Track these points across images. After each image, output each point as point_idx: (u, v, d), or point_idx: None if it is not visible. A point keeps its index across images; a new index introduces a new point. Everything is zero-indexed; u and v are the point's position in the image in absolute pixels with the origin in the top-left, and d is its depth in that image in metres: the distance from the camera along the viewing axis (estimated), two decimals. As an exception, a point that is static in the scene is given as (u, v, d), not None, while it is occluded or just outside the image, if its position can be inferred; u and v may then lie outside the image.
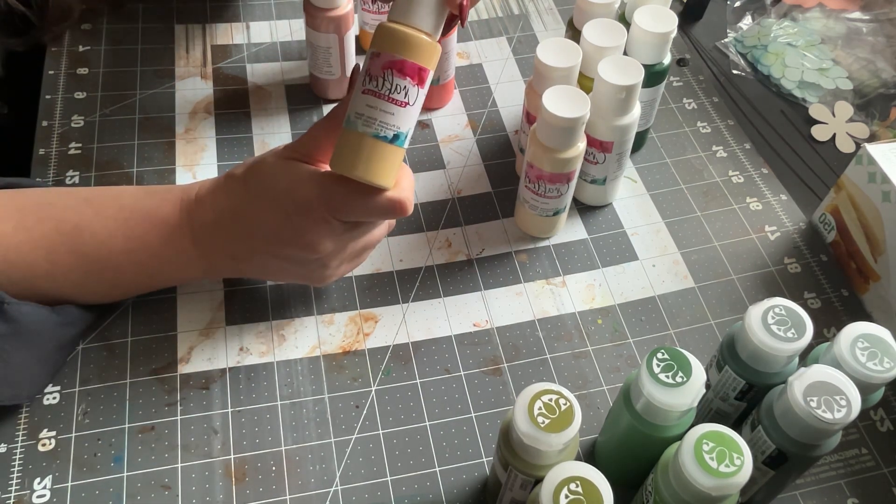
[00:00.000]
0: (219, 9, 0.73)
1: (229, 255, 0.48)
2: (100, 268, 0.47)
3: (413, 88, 0.43)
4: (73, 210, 0.47)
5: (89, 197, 0.48)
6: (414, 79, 0.43)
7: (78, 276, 0.47)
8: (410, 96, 0.43)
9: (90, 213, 0.47)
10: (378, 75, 0.43)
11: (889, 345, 0.42)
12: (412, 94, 0.43)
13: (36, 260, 0.45)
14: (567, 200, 0.57)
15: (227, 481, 0.46)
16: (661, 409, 0.39)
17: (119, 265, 0.48)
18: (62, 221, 0.46)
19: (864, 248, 0.56)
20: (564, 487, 0.35)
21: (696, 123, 0.68)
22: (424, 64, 0.43)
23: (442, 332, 0.54)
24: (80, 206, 0.48)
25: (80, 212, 0.47)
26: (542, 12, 0.77)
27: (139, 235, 0.47)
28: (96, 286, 0.49)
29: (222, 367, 0.51)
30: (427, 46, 0.43)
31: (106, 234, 0.47)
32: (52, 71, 0.66)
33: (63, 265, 0.46)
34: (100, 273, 0.48)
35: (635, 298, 0.56)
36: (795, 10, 0.79)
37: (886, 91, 0.72)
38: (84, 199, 0.48)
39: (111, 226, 0.47)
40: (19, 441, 0.47)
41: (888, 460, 0.50)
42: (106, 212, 0.47)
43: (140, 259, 0.48)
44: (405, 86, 0.43)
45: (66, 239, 0.46)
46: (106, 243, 0.47)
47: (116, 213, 0.47)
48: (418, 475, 0.47)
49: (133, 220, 0.47)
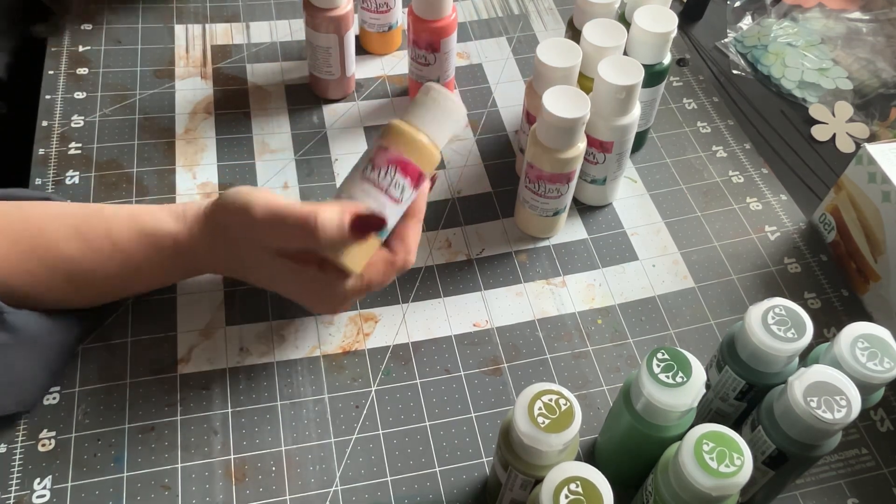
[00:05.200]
0: (219, 9, 0.73)
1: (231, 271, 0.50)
2: (92, 292, 0.48)
3: (408, 189, 0.45)
4: (64, 241, 0.46)
5: (80, 227, 0.47)
6: (413, 180, 0.45)
7: (67, 295, 0.47)
8: (404, 195, 0.45)
9: (82, 247, 0.46)
10: (381, 167, 0.44)
11: (889, 345, 0.42)
12: (406, 194, 0.45)
13: (21, 286, 0.45)
14: (567, 200, 0.57)
15: (227, 481, 0.46)
16: (662, 410, 0.39)
17: (112, 288, 0.49)
18: (49, 251, 0.46)
19: (864, 248, 0.56)
20: (564, 488, 0.35)
21: (696, 123, 0.68)
22: (424, 169, 0.45)
23: (442, 332, 0.54)
24: (71, 238, 0.46)
25: (70, 245, 0.46)
26: (542, 12, 0.77)
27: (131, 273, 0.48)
28: (89, 299, 0.49)
29: (222, 367, 0.51)
30: (433, 155, 0.45)
31: (98, 266, 0.47)
32: (51, 71, 0.66)
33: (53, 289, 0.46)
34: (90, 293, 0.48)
35: (635, 298, 0.56)
36: (795, 10, 0.79)
37: (886, 91, 0.72)
38: (74, 229, 0.47)
39: (104, 260, 0.47)
40: (19, 441, 0.47)
41: (888, 460, 0.50)
42: (97, 245, 0.46)
43: (135, 284, 0.49)
44: (403, 185, 0.45)
45: (54, 271, 0.46)
46: (98, 273, 0.47)
47: (110, 251, 0.47)
48: (418, 475, 0.47)
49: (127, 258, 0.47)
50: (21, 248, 0.45)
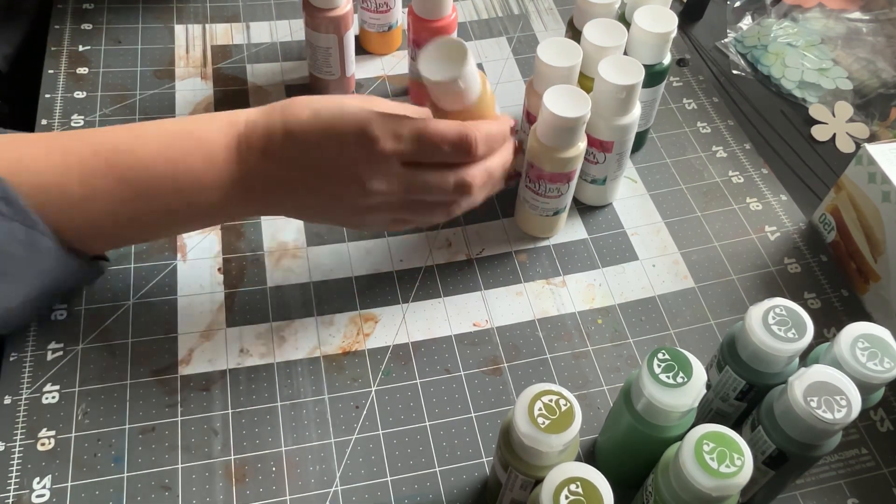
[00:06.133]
0: (219, 9, 0.73)
1: (275, 182, 0.47)
2: (137, 193, 0.45)
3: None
4: (112, 134, 0.46)
5: (130, 126, 0.47)
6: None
7: (113, 203, 0.45)
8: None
9: (130, 136, 0.46)
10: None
11: (889, 345, 0.42)
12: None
13: (69, 184, 0.44)
14: (567, 200, 0.57)
15: (227, 482, 0.46)
16: (662, 410, 0.39)
17: (157, 190, 0.46)
18: (100, 144, 0.45)
19: (864, 248, 0.56)
20: (565, 488, 0.35)
21: (696, 123, 0.68)
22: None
23: (442, 332, 0.54)
24: (120, 131, 0.46)
25: (118, 135, 0.46)
26: (542, 12, 0.77)
27: (181, 157, 0.46)
28: (131, 215, 0.46)
29: (223, 368, 0.51)
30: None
31: (147, 155, 0.45)
32: (51, 70, 0.66)
33: (98, 189, 0.44)
34: (136, 200, 0.45)
35: (635, 298, 0.56)
36: (795, 10, 0.79)
37: (886, 91, 0.72)
38: (124, 126, 0.47)
39: (153, 147, 0.46)
40: (18, 440, 0.46)
41: (888, 460, 0.50)
42: (147, 134, 0.46)
43: (180, 183, 0.46)
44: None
45: (103, 161, 0.44)
46: (146, 165, 0.45)
47: (158, 136, 0.46)
48: (418, 475, 0.47)
49: (176, 142, 0.46)
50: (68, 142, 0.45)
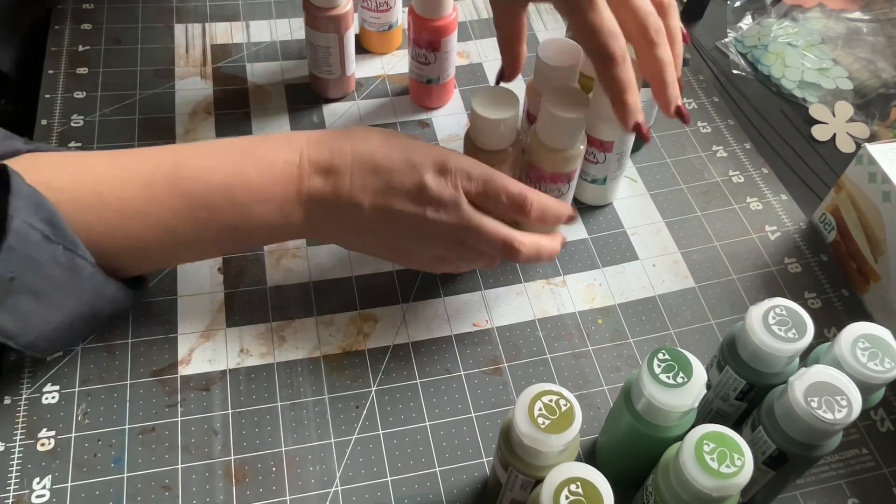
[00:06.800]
0: (218, 8, 0.73)
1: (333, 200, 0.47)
2: (194, 204, 0.45)
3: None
4: (170, 150, 0.47)
5: (190, 143, 0.48)
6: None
7: (171, 217, 0.45)
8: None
9: (191, 149, 0.47)
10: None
11: (889, 345, 0.41)
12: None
13: (130, 197, 0.44)
14: (567, 200, 0.56)
15: (227, 482, 0.46)
16: (662, 410, 0.39)
17: (215, 203, 0.46)
18: (161, 158, 0.46)
19: (865, 248, 0.56)
20: (565, 488, 0.35)
21: (696, 123, 0.68)
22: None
23: (442, 332, 0.54)
24: (180, 146, 0.47)
25: (176, 150, 0.47)
26: (542, 12, 0.77)
27: (241, 170, 0.46)
28: (186, 230, 0.46)
29: (223, 368, 0.51)
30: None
31: (208, 165, 0.46)
32: (51, 70, 0.66)
33: (157, 202, 0.45)
34: (193, 211, 0.46)
35: (635, 298, 0.56)
36: (795, 10, 0.79)
37: (886, 91, 0.72)
38: (186, 144, 0.48)
39: (213, 159, 0.46)
40: (17, 440, 0.46)
41: (888, 460, 0.50)
42: (208, 146, 0.47)
43: (238, 196, 0.46)
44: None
45: (163, 174, 0.45)
46: (206, 175, 0.46)
47: (220, 149, 0.47)
48: (418, 475, 0.47)
49: (237, 155, 0.47)
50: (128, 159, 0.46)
